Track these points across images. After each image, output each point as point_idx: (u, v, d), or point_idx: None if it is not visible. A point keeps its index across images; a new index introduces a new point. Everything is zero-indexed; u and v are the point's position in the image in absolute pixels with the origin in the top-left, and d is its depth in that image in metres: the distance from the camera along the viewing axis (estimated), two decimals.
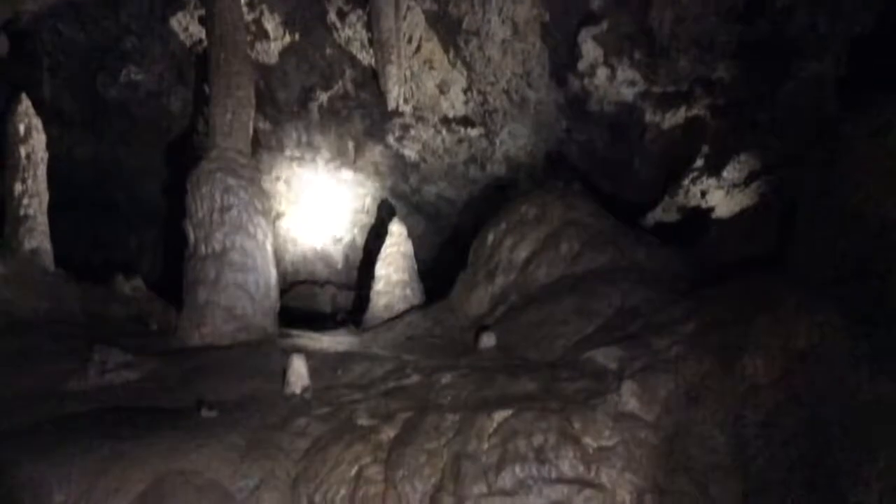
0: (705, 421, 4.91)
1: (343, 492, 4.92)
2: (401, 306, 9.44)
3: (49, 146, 9.76)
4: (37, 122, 9.71)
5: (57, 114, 10.93)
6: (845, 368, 4.34)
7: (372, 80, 10.25)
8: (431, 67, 9.78)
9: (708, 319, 5.45)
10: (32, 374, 6.48)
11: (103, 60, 10.73)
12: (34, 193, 9.51)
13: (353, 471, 5.02)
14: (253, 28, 9.91)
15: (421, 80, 9.97)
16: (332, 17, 9.84)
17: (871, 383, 4.16)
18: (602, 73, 8.79)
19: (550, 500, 4.63)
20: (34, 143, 9.64)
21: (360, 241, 12.97)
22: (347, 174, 12.21)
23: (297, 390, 6.13)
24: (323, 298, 12.98)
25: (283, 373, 6.27)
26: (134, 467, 4.86)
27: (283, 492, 4.94)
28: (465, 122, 10.40)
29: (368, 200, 12.69)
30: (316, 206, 12.71)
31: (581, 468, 4.77)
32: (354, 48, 10.00)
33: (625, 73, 8.65)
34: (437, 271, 10.83)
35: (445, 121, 10.46)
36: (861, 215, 4.67)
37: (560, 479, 4.73)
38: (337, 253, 13.14)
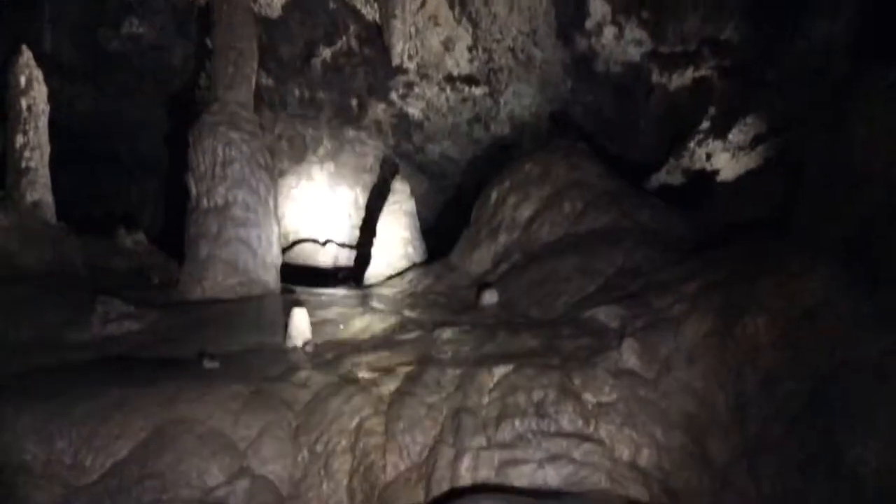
0: (705, 379, 4.94)
1: (344, 443, 4.96)
2: (402, 264, 9.43)
3: (50, 99, 9.67)
4: (38, 74, 9.61)
5: (58, 66, 10.80)
6: (848, 328, 4.35)
7: (376, 35, 10.12)
8: (436, 24, 9.65)
9: (710, 279, 5.46)
10: (35, 324, 6.49)
11: (104, 12, 10.58)
12: (35, 146, 9.44)
13: (354, 422, 5.06)
14: None
15: (426, 36, 9.85)
16: None
17: (874, 343, 4.17)
18: (609, 31, 8.68)
19: (549, 453, 4.67)
20: (35, 94, 9.55)
21: (363, 199, 12.92)
22: (350, 132, 12.12)
23: (299, 343, 6.15)
24: (324, 256, 12.97)
25: (285, 326, 6.28)
26: (136, 415, 4.89)
27: (285, 441, 4.97)
28: (470, 80, 10.30)
29: (371, 159, 12.61)
30: (318, 164, 12.65)
31: (580, 423, 4.81)
32: (358, 2, 9.86)
33: (632, 32, 8.55)
34: (440, 230, 10.81)
35: (450, 79, 10.36)
36: (868, 176, 4.64)
37: (559, 434, 4.77)
38: (339, 211, 13.11)
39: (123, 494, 4.54)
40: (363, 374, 5.51)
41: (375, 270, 9.57)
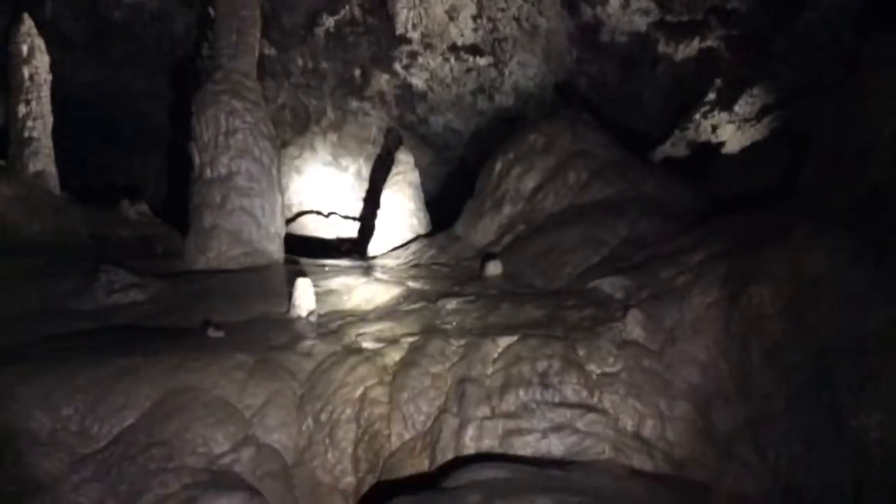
0: (709, 350, 4.95)
1: (348, 412, 4.99)
2: (406, 235, 9.41)
3: (52, 69, 9.62)
4: (39, 43, 9.56)
5: (59, 35, 10.73)
6: (853, 297, 4.33)
7: (380, 4, 10.04)
8: None
9: (715, 250, 5.44)
10: (39, 294, 6.50)
11: None
12: (38, 115, 9.42)
13: (359, 392, 5.07)
14: None
15: (430, 5, 9.76)
16: None
17: (880, 312, 4.15)
18: (615, 1, 8.60)
19: (553, 423, 4.69)
20: (37, 64, 9.51)
21: (366, 171, 12.89)
22: (353, 103, 12.05)
23: (303, 313, 6.15)
24: (328, 228, 12.96)
25: (289, 297, 6.28)
26: (141, 383, 4.90)
27: (290, 410, 5.00)
28: (474, 50, 10.23)
29: (374, 130, 12.55)
30: (321, 134, 12.60)
31: (584, 393, 4.83)
32: None
33: (639, 1, 8.46)
34: (444, 202, 10.79)
35: (454, 48, 10.28)
36: (876, 145, 4.61)
37: (563, 404, 4.78)
38: (342, 182, 13.08)
39: (129, 462, 4.56)
40: (367, 345, 5.52)
41: (379, 242, 9.56)
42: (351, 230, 12.81)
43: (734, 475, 4.46)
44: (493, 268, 6.87)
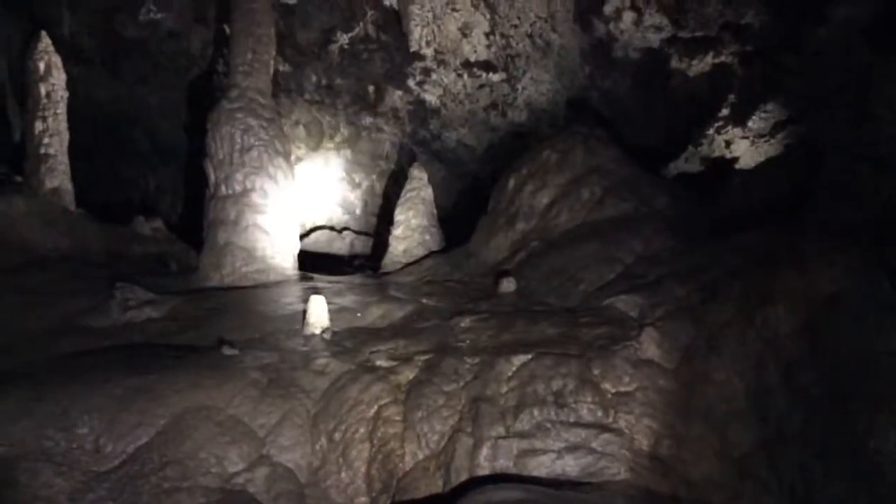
0: (725, 369, 4.91)
1: (362, 430, 4.98)
2: (420, 251, 9.40)
3: (68, 85, 9.71)
4: (56, 60, 9.65)
5: (76, 53, 10.86)
6: (869, 316, 4.31)
7: (394, 21, 10.08)
8: (454, 9, 9.59)
9: (730, 268, 5.41)
10: (55, 310, 6.54)
11: None
12: (55, 132, 9.50)
13: (373, 411, 5.07)
14: None
15: (443, 21, 9.79)
16: None
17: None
18: (628, 17, 8.58)
19: (568, 443, 4.67)
20: (54, 81, 9.59)
21: (379, 187, 12.91)
22: (367, 119, 12.10)
23: (317, 331, 6.16)
24: (340, 244, 12.98)
25: (303, 314, 6.29)
26: (156, 402, 4.92)
27: (303, 429, 5.01)
28: (487, 66, 10.24)
29: (388, 146, 12.59)
30: (335, 150, 12.64)
31: (599, 413, 4.80)
32: None
33: (652, 17, 8.44)
34: (457, 218, 10.78)
35: (467, 65, 10.30)
36: (891, 159, 4.58)
37: (578, 423, 4.76)
38: (355, 198, 13.11)
39: (143, 481, 4.58)
40: (381, 363, 5.52)
41: (392, 258, 9.55)
42: (364, 246, 12.82)
43: (750, 496, 4.42)
44: (507, 285, 6.86)
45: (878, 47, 6.56)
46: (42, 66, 9.52)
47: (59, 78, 9.65)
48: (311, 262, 9.56)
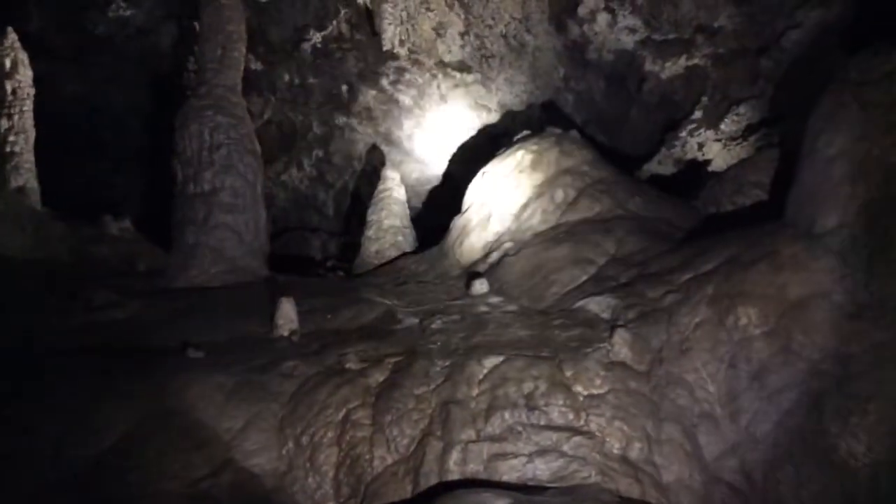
0: (697, 371, 4.89)
1: (330, 435, 4.89)
2: (392, 252, 9.34)
3: (35, 82, 9.55)
4: (23, 57, 9.50)
5: (44, 49, 10.67)
6: (841, 318, 4.31)
7: (367, 20, 10.02)
8: (428, 9, 9.55)
9: (702, 269, 5.40)
10: (18, 312, 6.40)
11: None
12: (20, 130, 9.35)
13: (341, 414, 4.98)
14: None
15: (417, 21, 9.75)
16: None
17: (868, 333, 4.13)
18: (603, 18, 8.60)
19: (539, 446, 4.60)
20: (21, 78, 9.44)
21: (352, 187, 12.83)
22: (340, 118, 12.01)
23: (286, 333, 6.06)
24: (313, 245, 12.89)
25: (272, 316, 6.19)
26: (119, 406, 4.82)
27: (270, 433, 4.90)
28: (462, 67, 10.21)
29: (361, 146, 12.51)
30: (308, 150, 12.54)
31: (571, 416, 4.75)
32: None
33: (626, 19, 8.48)
34: (430, 219, 10.72)
35: (441, 65, 10.26)
36: (864, 164, 4.58)
37: (549, 426, 4.70)
38: (328, 199, 13.01)
39: (106, 486, 4.46)
40: (351, 365, 5.42)
41: (365, 259, 9.48)
42: (336, 247, 12.73)
43: (722, 499, 4.41)
44: (480, 286, 6.80)
45: (850, 51, 6.60)
46: (8, 62, 9.36)
47: (25, 75, 9.50)
48: (284, 264, 9.46)
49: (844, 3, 6.99)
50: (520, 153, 8.09)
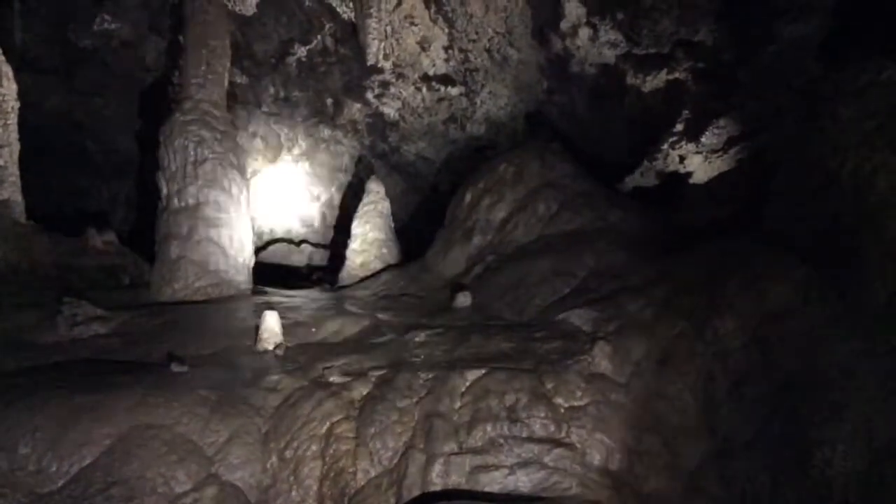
0: (676, 383, 4.95)
1: (314, 448, 4.91)
2: (377, 265, 9.37)
3: (20, 95, 9.51)
4: (7, 70, 9.44)
5: (28, 62, 10.66)
6: (817, 330, 4.37)
7: (352, 34, 10.07)
8: (412, 23, 9.60)
9: (682, 282, 5.47)
10: (0, 326, 6.37)
11: (77, 8, 10.44)
12: (5, 143, 9.29)
13: (325, 428, 5.00)
14: None
15: (401, 35, 9.80)
16: None
17: (843, 344, 4.19)
18: (584, 33, 8.66)
19: (521, 458, 4.65)
20: (5, 91, 9.38)
21: (338, 199, 12.86)
22: (325, 131, 12.05)
23: (270, 346, 6.08)
24: (298, 257, 12.89)
25: (256, 329, 6.21)
26: (102, 420, 4.80)
27: (254, 447, 4.91)
28: (446, 80, 10.27)
29: (346, 159, 12.55)
30: (293, 163, 12.57)
31: (552, 428, 4.80)
32: (334, 0, 9.80)
33: (607, 33, 8.53)
34: (415, 231, 10.77)
35: (426, 78, 10.32)
36: (839, 177, 4.66)
37: (531, 439, 4.75)
38: (313, 211, 13.03)
39: (89, 502, 4.46)
40: (335, 378, 5.46)
41: (350, 271, 9.51)
42: (322, 259, 12.74)
43: None
44: (463, 299, 6.85)
45: (828, 65, 6.70)
46: None
47: (9, 88, 9.44)
48: (269, 276, 9.47)
49: (821, 18, 7.08)
50: (503, 166, 8.16)
